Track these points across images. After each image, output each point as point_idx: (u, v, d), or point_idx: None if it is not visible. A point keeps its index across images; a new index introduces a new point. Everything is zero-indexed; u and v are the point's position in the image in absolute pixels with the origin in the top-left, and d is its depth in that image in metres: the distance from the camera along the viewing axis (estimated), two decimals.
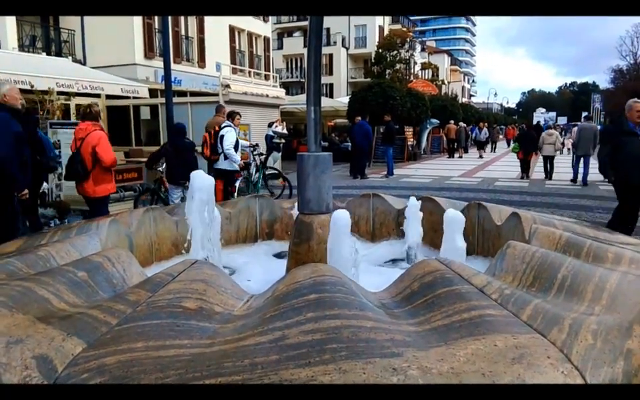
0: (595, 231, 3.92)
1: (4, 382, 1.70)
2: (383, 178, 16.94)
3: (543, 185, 14.88)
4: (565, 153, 25.81)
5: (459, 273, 2.20)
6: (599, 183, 15.46)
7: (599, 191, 13.56)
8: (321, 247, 3.59)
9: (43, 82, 10.08)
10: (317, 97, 3.66)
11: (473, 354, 1.67)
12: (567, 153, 21.43)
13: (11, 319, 2.04)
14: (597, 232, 3.91)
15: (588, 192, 13.33)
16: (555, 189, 14.04)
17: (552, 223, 3.82)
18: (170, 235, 4.34)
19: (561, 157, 25.47)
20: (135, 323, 1.88)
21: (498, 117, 57.62)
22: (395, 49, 38.99)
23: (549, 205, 11.07)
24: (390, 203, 5.09)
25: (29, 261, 2.79)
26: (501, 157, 28.65)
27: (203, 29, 24.74)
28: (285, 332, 1.78)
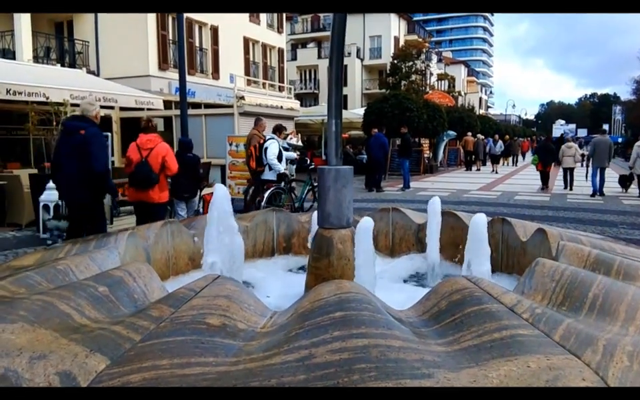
0: (622, 247, 3.88)
1: None
2: (399, 191, 16.91)
3: (564, 199, 14.74)
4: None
5: (488, 291, 2.18)
6: (622, 196, 15.31)
7: (621, 206, 13.41)
8: (341, 262, 3.59)
9: (57, 93, 10.24)
10: (337, 110, 3.68)
11: (505, 376, 1.65)
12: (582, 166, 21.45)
13: (33, 334, 2.06)
14: (624, 248, 3.86)
15: (610, 207, 13.18)
16: (576, 203, 13.90)
17: (578, 239, 3.78)
18: (187, 249, 4.37)
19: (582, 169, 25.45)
20: (158, 340, 1.89)
21: (516, 129, 57.25)
22: (411, 59, 39.08)
23: (572, 219, 10.96)
24: (410, 217, 5.07)
25: (48, 275, 2.82)
26: (520, 170, 28.46)
27: (217, 40, 24.99)
28: (312, 350, 1.78)
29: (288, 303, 2.74)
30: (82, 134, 5.60)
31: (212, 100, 19.69)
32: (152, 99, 13.34)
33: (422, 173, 23.62)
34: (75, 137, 5.62)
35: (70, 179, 5.65)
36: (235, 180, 11.91)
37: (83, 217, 5.82)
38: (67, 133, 5.79)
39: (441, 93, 39.24)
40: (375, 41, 47.59)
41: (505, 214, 7.65)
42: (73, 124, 5.84)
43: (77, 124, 5.76)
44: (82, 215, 5.82)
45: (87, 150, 5.56)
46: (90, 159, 5.55)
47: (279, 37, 31.42)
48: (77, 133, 5.62)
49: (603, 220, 11.00)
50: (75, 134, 5.63)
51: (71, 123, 5.92)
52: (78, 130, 5.65)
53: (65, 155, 5.67)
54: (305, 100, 42.52)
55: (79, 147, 5.55)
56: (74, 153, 5.57)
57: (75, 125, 5.76)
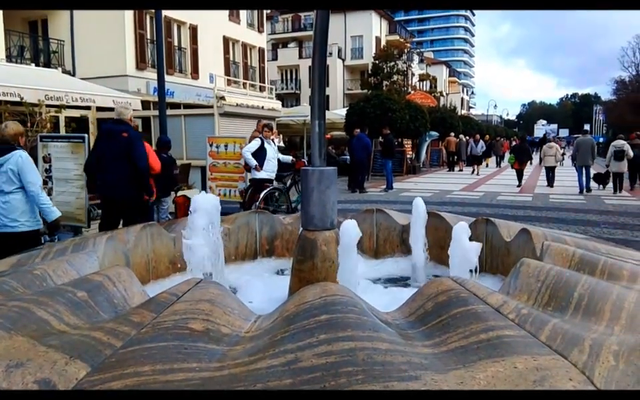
0: (606, 247, 3.94)
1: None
2: (382, 192, 16.97)
3: (547, 199, 14.93)
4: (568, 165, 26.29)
5: (474, 292, 2.19)
6: (604, 196, 15.58)
7: (603, 205, 13.63)
8: (325, 265, 3.59)
9: (32, 94, 10.08)
10: (321, 110, 3.68)
11: (493, 377, 1.67)
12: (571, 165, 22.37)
13: (9, 341, 2.02)
14: (608, 247, 3.92)
15: (592, 206, 13.39)
16: (559, 203, 14.09)
17: (563, 239, 3.83)
18: (167, 252, 4.33)
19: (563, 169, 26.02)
20: (140, 346, 1.86)
21: (498, 130, 57.85)
22: (393, 59, 39.26)
23: (554, 219, 11.10)
24: (394, 219, 5.09)
25: (24, 280, 2.77)
26: (503, 171, 28.75)
27: (196, 39, 24.84)
28: (298, 354, 1.77)
29: (272, 307, 2.73)
30: (125, 136, 6.16)
31: (191, 100, 19.59)
32: (129, 99, 13.21)
33: (405, 173, 23.74)
34: (119, 140, 6.14)
35: (119, 179, 6.14)
36: (216, 181, 11.82)
37: (129, 212, 6.28)
38: (110, 136, 6.24)
39: (423, 94, 39.47)
40: (356, 40, 47.73)
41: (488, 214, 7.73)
42: (115, 128, 6.30)
43: (119, 127, 6.27)
44: (129, 210, 6.30)
45: (132, 150, 6.14)
46: (135, 158, 6.15)
47: (259, 36, 31.34)
48: (120, 136, 6.16)
49: (585, 220, 11.16)
50: (119, 137, 6.15)
51: (113, 127, 6.34)
52: (121, 133, 6.18)
53: (111, 157, 6.14)
54: (287, 100, 42.50)
55: (124, 149, 6.12)
56: (121, 155, 6.11)
57: (117, 129, 6.25)
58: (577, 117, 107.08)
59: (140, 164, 6.19)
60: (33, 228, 5.11)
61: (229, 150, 11.59)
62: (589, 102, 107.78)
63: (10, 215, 4.92)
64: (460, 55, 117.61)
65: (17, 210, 4.95)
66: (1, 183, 4.93)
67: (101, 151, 6.28)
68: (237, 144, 11.54)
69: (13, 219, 4.94)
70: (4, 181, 4.92)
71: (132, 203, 6.32)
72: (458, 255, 3.67)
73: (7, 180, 4.92)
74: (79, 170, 7.87)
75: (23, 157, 4.97)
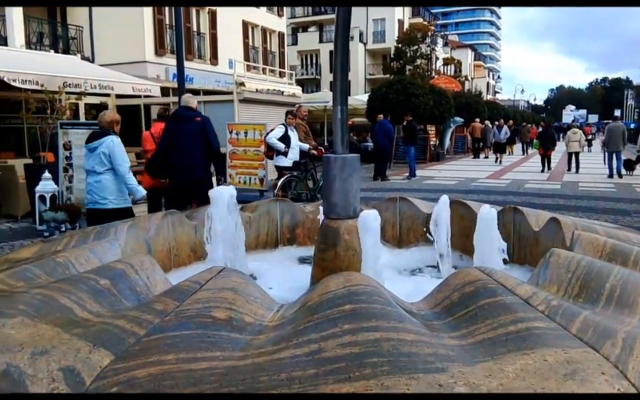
0: (638, 237, 3.87)
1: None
2: (405, 180, 16.89)
3: (576, 187, 14.72)
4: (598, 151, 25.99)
5: (501, 283, 2.18)
6: (635, 184, 15.29)
7: (634, 194, 13.38)
8: (348, 254, 3.59)
9: (51, 81, 10.20)
10: (343, 96, 3.66)
11: (522, 369, 1.66)
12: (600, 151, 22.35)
13: (34, 329, 2.06)
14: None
15: (623, 195, 13.16)
16: (588, 191, 13.88)
17: (593, 228, 3.77)
18: (188, 240, 4.37)
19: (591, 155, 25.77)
20: (163, 334, 1.89)
21: (525, 115, 57.06)
22: (416, 43, 38.86)
23: (584, 208, 10.94)
24: (418, 207, 5.06)
25: (47, 268, 2.83)
26: (530, 158, 28.37)
27: (215, 24, 24.88)
28: (321, 344, 1.78)
29: (293, 296, 2.74)
30: (198, 121, 6.51)
31: (210, 86, 19.64)
32: (149, 85, 13.31)
33: (428, 160, 23.58)
34: (193, 124, 6.45)
35: (195, 162, 6.39)
36: (236, 169, 11.90)
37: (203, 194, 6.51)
38: (184, 121, 6.53)
39: (447, 78, 39.09)
40: (378, 24, 47.35)
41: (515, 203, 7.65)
42: (187, 113, 6.60)
43: (191, 113, 6.60)
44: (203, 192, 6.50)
45: (207, 134, 6.48)
46: (211, 141, 6.52)
47: (279, 20, 31.29)
48: (194, 121, 6.48)
49: (616, 208, 10.98)
50: (192, 122, 6.46)
51: (185, 113, 6.62)
52: (194, 118, 6.51)
53: (184, 142, 6.41)
54: (307, 86, 42.40)
55: (199, 133, 6.43)
56: (196, 139, 6.41)
57: (190, 114, 6.58)
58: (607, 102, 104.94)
59: (215, 146, 6.61)
60: (120, 206, 5.71)
61: (249, 137, 11.65)
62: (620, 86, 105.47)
63: (101, 193, 5.60)
64: (486, 37, 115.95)
65: (106, 189, 5.61)
66: (94, 164, 5.60)
67: (173, 136, 6.56)
68: (257, 130, 11.60)
69: (103, 197, 5.61)
70: (97, 163, 5.58)
71: (206, 184, 6.46)
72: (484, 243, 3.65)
73: (100, 162, 5.57)
74: None
75: (115, 141, 5.62)
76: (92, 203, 5.69)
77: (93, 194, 5.65)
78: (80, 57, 17.36)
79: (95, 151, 5.61)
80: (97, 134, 5.72)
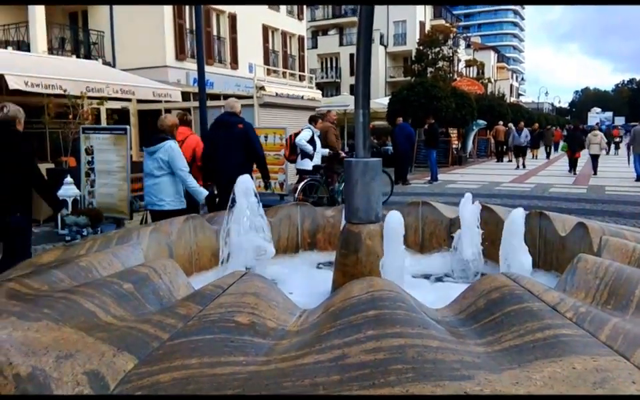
0: None
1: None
2: (426, 184, 16.81)
3: (602, 192, 14.50)
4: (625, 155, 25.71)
5: (528, 289, 2.16)
6: None
7: None
8: (370, 259, 3.58)
9: (74, 86, 10.39)
10: (365, 99, 3.66)
11: (550, 377, 1.64)
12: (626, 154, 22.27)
13: (58, 333, 2.10)
14: None
15: None
16: (615, 195, 13.67)
17: (622, 233, 3.71)
18: (210, 245, 4.40)
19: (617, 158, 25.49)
20: (187, 338, 1.91)
21: (549, 118, 56.45)
22: (438, 45, 38.70)
23: (610, 213, 10.78)
24: (441, 212, 5.04)
25: (71, 272, 2.87)
26: (554, 161, 28.02)
27: (235, 28, 25.08)
28: (345, 350, 1.78)
29: (315, 301, 2.75)
30: (241, 128, 6.88)
31: (231, 90, 19.79)
32: (170, 90, 13.47)
33: (450, 164, 23.44)
34: (235, 130, 6.83)
35: (236, 166, 6.43)
36: (256, 173, 11.93)
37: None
38: (226, 127, 6.91)
39: (470, 80, 38.82)
40: (399, 26, 47.25)
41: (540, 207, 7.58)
42: (230, 119, 6.99)
43: (234, 119, 6.99)
44: None
45: (249, 140, 6.91)
46: (255, 147, 6.98)
47: (299, 24, 31.41)
48: (236, 127, 6.87)
49: None
50: (234, 128, 6.85)
51: (228, 119, 7.01)
52: (236, 124, 6.90)
53: (226, 146, 6.77)
54: (326, 89, 42.47)
55: (241, 138, 6.82)
56: (238, 144, 6.77)
57: (232, 120, 6.97)
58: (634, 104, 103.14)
59: (259, 152, 7.09)
60: (176, 207, 5.96)
61: (269, 141, 11.69)
62: None
63: (158, 195, 5.90)
64: (509, 39, 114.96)
65: (163, 191, 5.90)
66: (153, 167, 5.89)
67: (216, 140, 6.90)
68: (277, 134, 11.64)
69: (160, 199, 5.92)
70: (155, 167, 5.87)
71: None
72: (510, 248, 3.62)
73: (158, 166, 5.86)
74: (121, 162, 8.10)
75: (173, 146, 5.90)
76: (150, 204, 6.02)
77: (151, 195, 5.95)
78: (101, 62, 17.64)
79: (153, 155, 5.87)
80: (157, 138, 5.97)
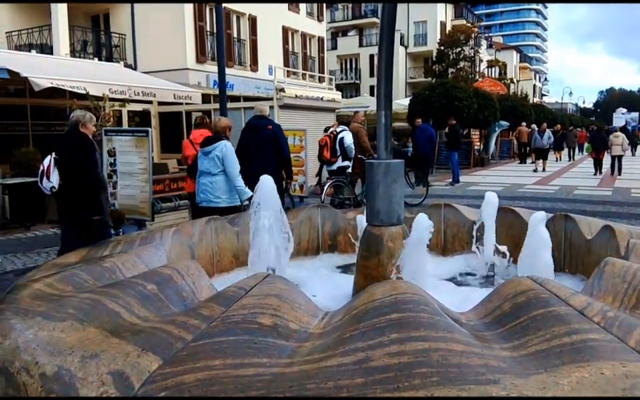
0: None
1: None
2: (448, 186, 16.70)
3: (628, 194, 14.27)
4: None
5: (555, 293, 2.14)
6: None
7: None
8: (392, 261, 3.57)
9: (97, 88, 10.53)
10: (387, 101, 3.66)
11: (578, 383, 1.62)
12: None
13: (83, 333, 2.14)
14: None
15: None
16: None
17: None
18: (231, 246, 4.44)
19: None
20: (211, 339, 1.93)
21: (573, 119, 55.73)
22: (459, 45, 38.45)
23: (637, 216, 10.60)
24: (463, 214, 5.01)
25: (95, 273, 2.91)
26: (578, 163, 27.64)
27: (255, 30, 25.19)
28: (369, 353, 1.78)
29: (336, 303, 2.75)
30: (270, 129, 7.24)
31: (250, 93, 19.87)
32: (190, 92, 13.57)
33: (472, 166, 23.26)
34: (265, 132, 7.18)
35: (266, 167, 6.61)
36: None
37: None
38: (256, 130, 7.26)
39: (492, 81, 38.46)
40: (419, 26, 47.03)
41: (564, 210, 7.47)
42: (260, 122, 7.35)
43: (263, 122, 7.36)
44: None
45: (277, 141, 7.22)
46: (282, 148, 7.29)
47: (318, 25, 31.43)
48: (266, 129, 7.22)
49: None
50: (264, 130, 7.20)
51: (257, 122, 7.36)
52: (266, 126, 7.26)
53: (257, 148, 7.09)
54: (346, 90, 42.41)
55: (270, 140, 7.13)
56: (267, 145, 7.07)
57: (262, 123, 7.33)
58: None
59: (285, 153, 7.43)
60: (230, 204, 6.21)
61: (289, 142, 11.69)
62: None
63: (215, 193, 6.17)
64: (531, 38, 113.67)
65: (219, 189, 6.18)
66: (210, 166, 6.18)
67: (246, 143, 7.20)
68: (297, 136, 11.67)
69: (216, 196, 6.18)
70: (211, 166, 6.17)
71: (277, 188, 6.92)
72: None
73: (214, 164, 6.16)
74: (143, 164, 8.18)
75: (227, 146, 6.20)
76: (206, 202, 6.21)
77: (207, 193, 6.19)
78: (123, 64, 17.84)
79: (209, 155, 6.17)
80: (212, 139, 6.30)
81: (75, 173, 5.60)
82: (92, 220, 5.58)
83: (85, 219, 5.58)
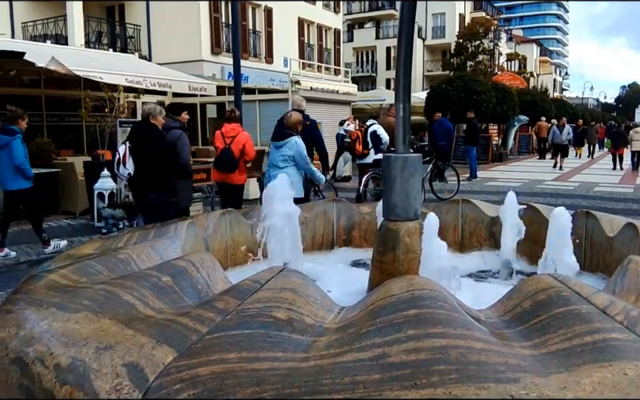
0: None
1: (95, 388, 1.79)
2: (466, 181, 16.60)
3: None
4: None
5: (576, 291, 2.11)
6: None
7: None
8: (408, 257, 3.56)
9: (112, 78, 10.59)
10: (406, 93, 3.63)
11: (599, 383, 1.60)
12: None
13: (97, 324, 2.15)
14: None
15: None
16: None
17: None
18: (245, 239, 4.45)
19: None
20: (225, 333, 1.93)
21: (594, 114, 55.04)
22: (478, 38, 38.15)
23: None
24: (481, 210, 4.97)
25: (109, 264, 2.93)
26: (599, 159, 27.31)
27: (271, 22, 25.18)
28: (385, 349, 1.77)
29: (351, 298, 2.74)
30: (308, 124, 7.52)
31: (265, 85, 19.90)
32: (205, 84, 13.61)
33: (490, 161, 23.08)
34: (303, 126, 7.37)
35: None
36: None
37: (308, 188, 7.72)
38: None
39: (511, 74, 38.14)
40: (438, 19, 46.73)
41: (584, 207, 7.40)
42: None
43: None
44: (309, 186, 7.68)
45: (314, 134, 7.71)
46: (317, 141, 7.88)
47: (335, 17, 31.34)
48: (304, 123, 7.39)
49: None
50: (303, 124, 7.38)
51: None
52: (305, 121, 7.43)
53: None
54: (362, 83, 42.27)
55: (306, 134, 7.31)
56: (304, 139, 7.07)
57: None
58: None
59: (321, 146, 8.00)
60: (298, 196, 6.09)
61: None
62: None
63: None
64: (552, 32, 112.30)
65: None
66: (279, 160, 6.56)
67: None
68: None
69: None
70: (280, 159, 6.56)
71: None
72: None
73: (283, 159, 6.55)
74: None
75: (298, 142, 6.60)
76: None
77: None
78: (138, 55, 17.93)
79: (280, 149, 6.55)
80: (282, 133, 6.64)
81: (150, 159, 5.93)
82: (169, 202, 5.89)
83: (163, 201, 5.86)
